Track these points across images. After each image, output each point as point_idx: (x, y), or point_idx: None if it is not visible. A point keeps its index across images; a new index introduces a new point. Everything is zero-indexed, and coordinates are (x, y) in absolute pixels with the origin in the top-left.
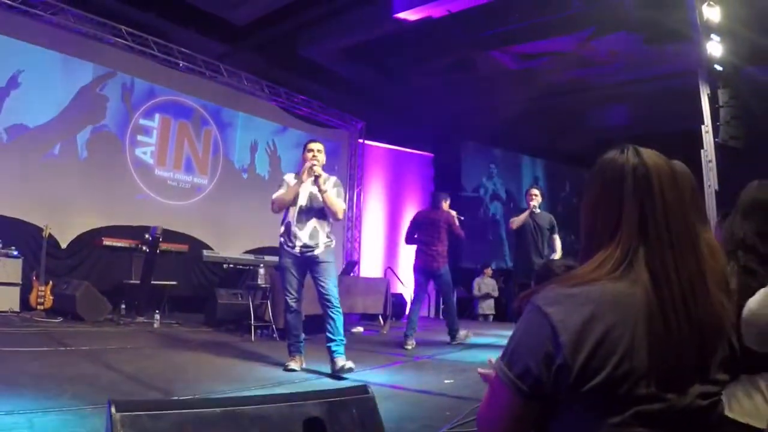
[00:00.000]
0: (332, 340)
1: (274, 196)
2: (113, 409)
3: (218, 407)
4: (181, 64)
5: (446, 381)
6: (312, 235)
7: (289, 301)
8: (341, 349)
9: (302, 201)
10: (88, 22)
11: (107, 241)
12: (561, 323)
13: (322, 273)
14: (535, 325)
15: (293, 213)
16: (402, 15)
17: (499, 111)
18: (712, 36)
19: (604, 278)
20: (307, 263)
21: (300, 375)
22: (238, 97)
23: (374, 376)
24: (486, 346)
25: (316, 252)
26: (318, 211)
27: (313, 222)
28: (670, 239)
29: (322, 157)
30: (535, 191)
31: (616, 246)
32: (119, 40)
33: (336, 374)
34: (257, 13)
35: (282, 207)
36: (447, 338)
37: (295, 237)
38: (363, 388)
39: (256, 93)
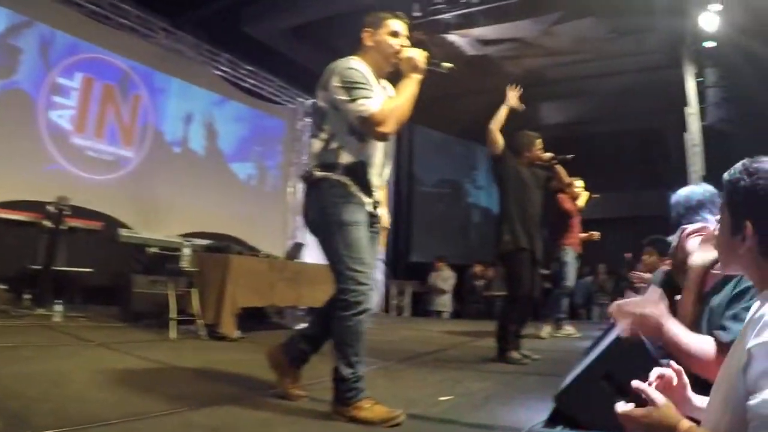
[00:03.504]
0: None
1: (380, 107)
2: None
3: None
4: (110, 17)
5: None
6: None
7: (362, 287)
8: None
9: None
10: None
11: (1, 213)
12: None
13: (377, 245)
14: None
15: (374, 145)
16: None
17: (453, 100)
18: (709, 7)
19: None
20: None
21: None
22: (175, 61)
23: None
24: None
25: (379, 211)
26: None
27: (389, 161)
28: None
29: None
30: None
31: None
32: None
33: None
34: None
35: (402, 121)
36: None
37: (371, 184)
38: None
39: (195, 58)
